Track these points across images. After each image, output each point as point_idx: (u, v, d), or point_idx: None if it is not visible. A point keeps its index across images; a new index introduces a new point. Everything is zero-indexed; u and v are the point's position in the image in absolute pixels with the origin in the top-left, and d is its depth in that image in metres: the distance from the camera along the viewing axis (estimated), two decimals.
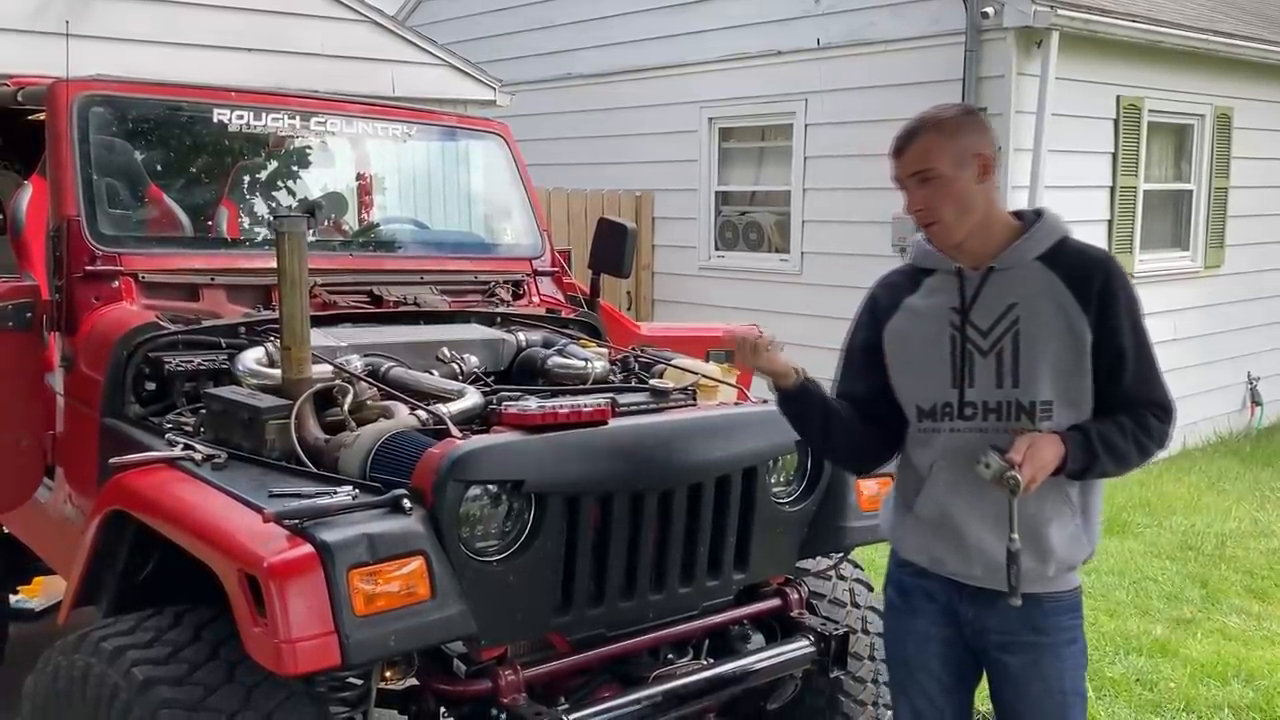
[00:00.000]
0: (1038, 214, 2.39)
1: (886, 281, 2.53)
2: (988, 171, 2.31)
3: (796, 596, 3.06)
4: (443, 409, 2.69)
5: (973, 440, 2.30)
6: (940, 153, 2.27)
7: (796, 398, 2.45)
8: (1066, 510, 2.33)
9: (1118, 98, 7.93)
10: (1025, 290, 2.30)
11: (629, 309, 9.05)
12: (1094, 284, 2.27)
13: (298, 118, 3.84)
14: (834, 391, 2.55)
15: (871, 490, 3.05)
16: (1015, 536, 2.20)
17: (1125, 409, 2.28)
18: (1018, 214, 2.40)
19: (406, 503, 2.27)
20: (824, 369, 2.48)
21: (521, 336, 3.45)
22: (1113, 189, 8.02)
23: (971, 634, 2.42)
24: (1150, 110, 8.16)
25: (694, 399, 3.03)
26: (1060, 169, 7.36)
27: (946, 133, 2.29)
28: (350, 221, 4.23)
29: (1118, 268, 2.32)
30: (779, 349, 2.43)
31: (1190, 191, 8.81)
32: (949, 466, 2.35)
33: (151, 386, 3.01)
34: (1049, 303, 2.28)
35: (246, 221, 3.93)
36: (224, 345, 3.06)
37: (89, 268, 3.20)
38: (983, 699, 2.55)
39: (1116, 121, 7.95)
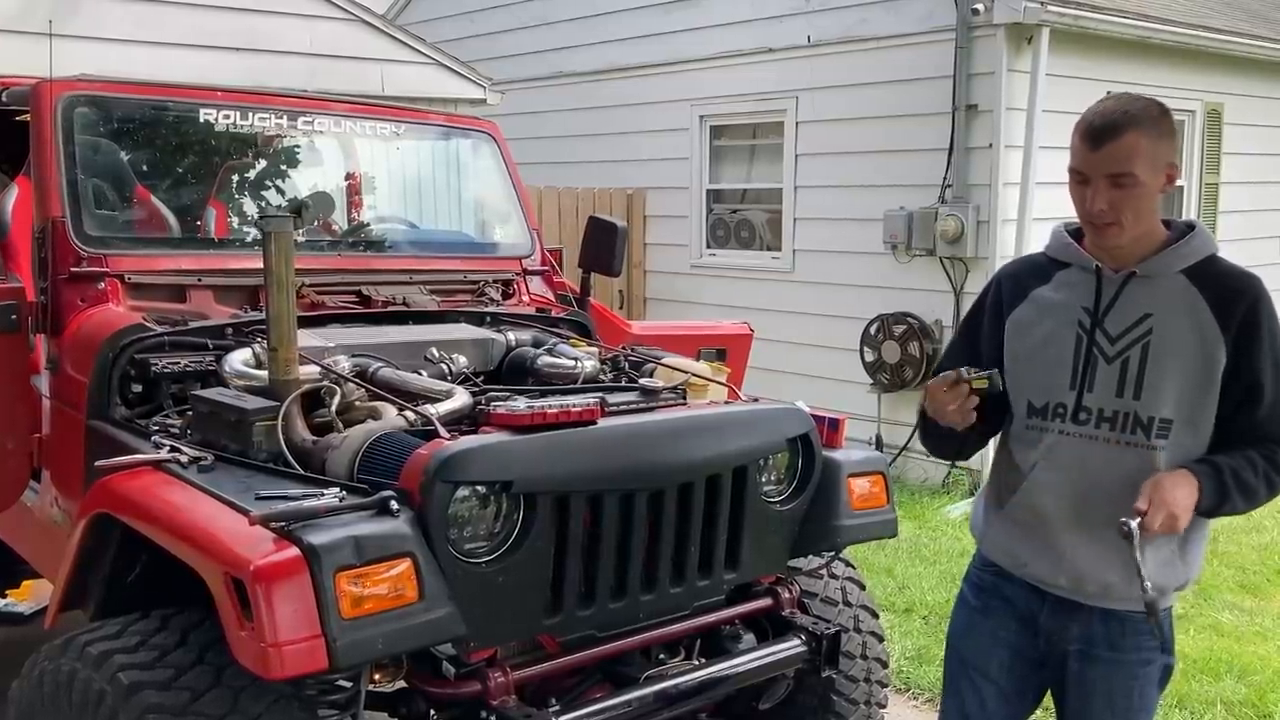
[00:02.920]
0: (1189, 225, 2.30)
1: (1010, 271, 2.47)
2: (1172, 182, 2.23)
3: (788, 596, 3.06)
4: (431, 409, 2.67)
5: (1082, 445, 2.26)
6: (1144, 157, 2.15)
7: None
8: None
9: (1108, 94, 7.90)
10: (1163, 303, 2.22)
11: (620, 307, 9.03)
12: (1238, 308, 2.18)
13: (285, 117, 3.82)
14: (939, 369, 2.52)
15: (863, 489, 3.04)
16: (1148, 585, 2.05)
17: (1255, 443, 2.20)
18: (1166, 223, 2.31)
19: (394, 504, 2.25)
20: (817, 366, 2.47)
21: (511, 336, 3.43)
22: None
23: (1050, 642, 2.38)
24: None
25: (684, 398, 3.02)
26: (1051, 165, 7.30)
27: (1152, 135, 2.17)
28: (339, 221, 4.21)
29: (1265, 293, 2.22)
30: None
31: (1181, 187, 8.80)
32: (1051, 468, 2.30)
33: (138, 388, 2.99)
34: (1186, 320, 2.20)
35: (234, 222, 3.90)
36: (211, 346, 3.05)
37: (74, 269, 3.18)
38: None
39: None
